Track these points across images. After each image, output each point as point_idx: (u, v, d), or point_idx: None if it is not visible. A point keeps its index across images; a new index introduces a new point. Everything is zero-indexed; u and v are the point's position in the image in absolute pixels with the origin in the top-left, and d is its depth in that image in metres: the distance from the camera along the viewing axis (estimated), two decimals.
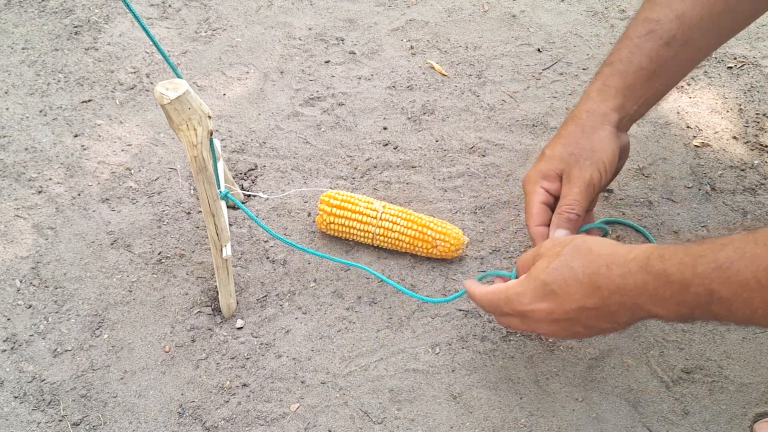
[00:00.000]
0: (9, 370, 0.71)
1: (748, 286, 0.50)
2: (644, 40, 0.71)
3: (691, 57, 0.74)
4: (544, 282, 0.60)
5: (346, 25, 1.26)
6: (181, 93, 0.57)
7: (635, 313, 0.57)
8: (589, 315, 0.59)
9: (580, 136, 0.71)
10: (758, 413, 0.71)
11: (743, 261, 0.50)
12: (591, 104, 0.72)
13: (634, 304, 0.56)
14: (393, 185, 0.95)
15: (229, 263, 0.72)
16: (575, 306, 0.58)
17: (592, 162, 0.70)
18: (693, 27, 0.70)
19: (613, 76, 0.72)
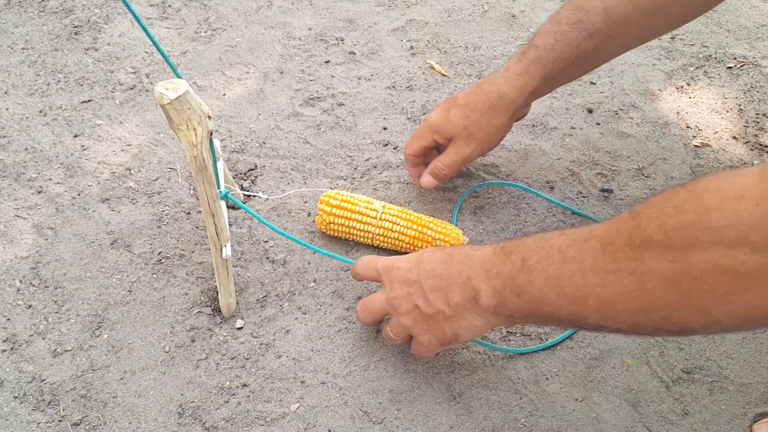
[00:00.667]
0: (9, 370, 0.71)
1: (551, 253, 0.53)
2: (571, 28, 0.73)
3: (612, 50, 0.76)
4: (420, 252, 0.67)
5: (346, 25, 1.26)
6: (180, 93, 0.57)
7: (465, 289, 0.60)
8: (432, 281, 0.62)
9: (482, 114, 0.78)
10: (758, 413, 0.71)
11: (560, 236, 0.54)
12: (507, 88, 0.77)
13: (468, 276, 0.60)
14: (393, 185, 0.95)
15: (229, 263, 0.72)
16: (427, 268, 0.63)
17: (479, 144, 0.80)
18: (619, 21, 0.71)
19: (535, 63, 0.75)
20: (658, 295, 0.46)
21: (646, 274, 0.46)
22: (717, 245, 0.42)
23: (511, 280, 0.56)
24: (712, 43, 1.23)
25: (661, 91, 1.13)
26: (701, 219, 0.42)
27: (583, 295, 0.50)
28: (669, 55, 1.21)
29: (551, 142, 1.03)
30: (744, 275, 0.41)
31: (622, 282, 0.48)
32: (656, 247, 0.45)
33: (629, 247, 0.47)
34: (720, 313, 0.44)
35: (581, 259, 0.50)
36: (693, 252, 0.43)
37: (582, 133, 1.05)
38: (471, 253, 0.61)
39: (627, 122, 1.07)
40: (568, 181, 0.96)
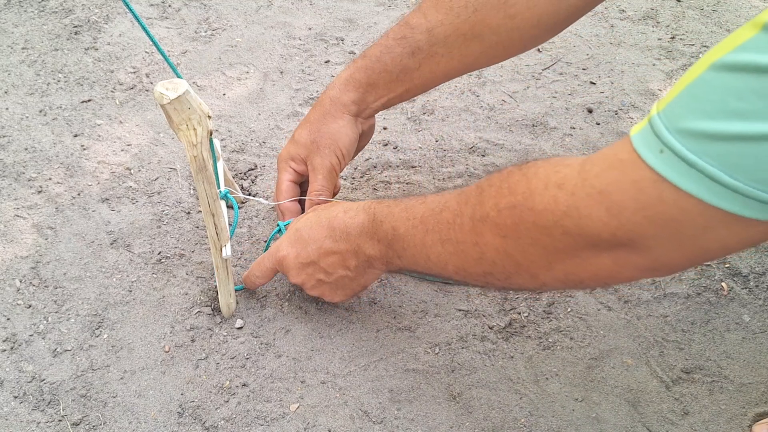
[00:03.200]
0: (9, 369, 0.71)
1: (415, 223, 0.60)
2: (397, 43, 0.75)
3: (434, 71, 0.76)
4: (296, 229, 0.70)
5: (346, 25, 1.26)
6: (180, 93, 0.57)
7: (358, 254, 0.66)
8: (328, 258, 0.68)
9: (321, 123, 0.78)
10: (758, 413, 0.71)
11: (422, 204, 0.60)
12: (335, 92, 0.78)
13: (357, 244, 0.66)
14: (393, 185, 0.95)
15: (229, 263, 0.72)
16: (316, 247, 0.68)
17: (331, 150, 0.78)
18: (439, 42, 0.73)
19: (361, 71, 0.77)
20: (497, 263, 0.53)
21: (485, 246, 0.53)
22: (538, 225, 0.49)
23: (390, 246, 0.63)
24: (712, 43, 1.23)
25: (661, 91, 1.13)
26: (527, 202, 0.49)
27: (443, 262, 0.58)
28: (669, 55, 1.21)
29: (551, 142, 1.03)
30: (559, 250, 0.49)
31: (468, 251, 0.55)
32: (491, 223, 0.52)
33: (472, 221, 0.54)
34: (545, 277, 0.52)
35: (438, 230, 0.58)
36: (519, 230, 0.50)
37: (582, 133, 1.05)
38: (348, 221, 0.66)
39: (627, 122, 1.07)
40: None
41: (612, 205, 0.44)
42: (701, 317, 0.80)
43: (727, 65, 0.39)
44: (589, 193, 0.45)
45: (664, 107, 0.43)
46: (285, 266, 0.71)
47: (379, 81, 0.76)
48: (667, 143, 0.41)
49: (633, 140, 0.44)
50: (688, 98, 0.41)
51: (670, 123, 0.41)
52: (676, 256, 0.45)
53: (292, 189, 0.81)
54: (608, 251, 0.47)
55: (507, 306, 0.80)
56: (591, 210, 0.45)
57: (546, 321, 0.79)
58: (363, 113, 0.79)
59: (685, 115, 0.41)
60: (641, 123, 0.45)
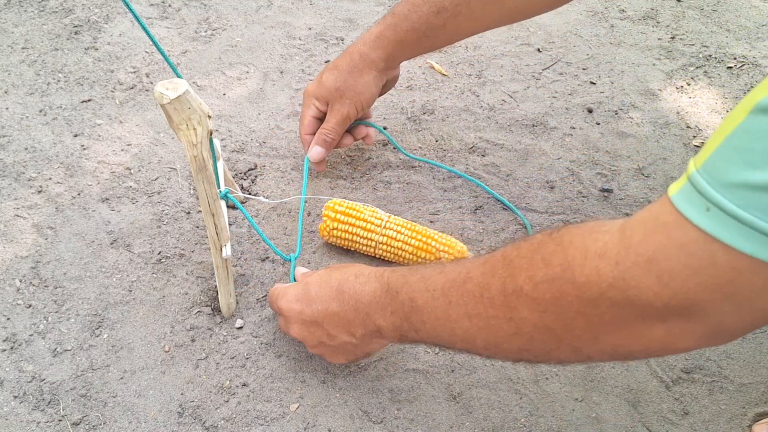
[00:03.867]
0: (9, 369, 0.71)
1: (435, 295, 0.55)
2: (423, 2, 0.80)
3: (459, 29, 0.82)
4: (305, 284, 0.67)
5: (346, 25, 1.26)
6: (180, 93, 0.57)
7: (366, 324, 0.62)
8: (332, 320, 0.64)
9: (348, 74, 0.84)
10: (758, 413, 0.71)
11: (441, 274, 0.56)
12: (365, 48, 0.84)
13: (366, 313, 0.61)
14: (393, 185, 0.95)
15: (229, 263, 0.72)
16: (321, 308, 0.64)
17: (351, 102, 0.85)
18: (463, 3, 0.78)
19: (390, 29, 0.82)
20: (535, 338, 0.49)
21: (522, 321, 0.49)
22: (581, 298, 0.45)
23: (406, 319, 0.58)
24: (712, 43, 1.24)
25: (661, 91, 1.13)
26: (566, 274, 0.46)
27: (471, 337, 0.53)
28: (669, 55, 1.21)
29: (551, 142, 1.03)
30: (606, 323, 0.45)
31: (502, 327, 0.51)
32: (527, 298, 0.48)
33: (503, 295, 0.50)
34: (591, 351, 0.48)
35: (464, 303, 0.53)
36: (560, 304, 0.46)
37: (582, 133, 1.05)
38: (359, 289, 0.62)
39: (627, 122, 1.07)
40: (568, 181, 0.96)
41: (662, 272, 0.41)
42: None
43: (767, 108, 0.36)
44: (635, 262, 0.42)
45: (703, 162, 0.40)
46: (287, 318, 0.68)
47: (407, 38, 0.82)
48: (712, 200, 0.38)
49: (674, 200, 0.41)
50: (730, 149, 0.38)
51: (713, 178, 0.39)
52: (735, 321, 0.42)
53: (314, 123, 0.89)
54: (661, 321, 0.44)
55: None
56: (639, 280, 0.42)
57: None
58: (390, 67, 0.86)
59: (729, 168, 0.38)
60: (680, 181, 0.42)
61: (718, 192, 0.38)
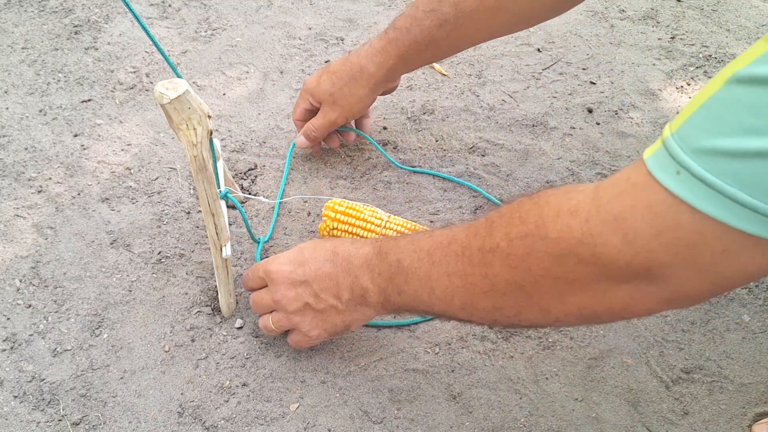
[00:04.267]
0: (8, 369, 0.71)
1: (420, 255, 0.57)
2: (425, 16, 0.80)
3: (462, 40, 0.83)
4: (300, 249, 0.68)
5: (346, 25, 1.26)
6: (180, 92, 0.57)
7: (354, 288, 0.63)
8: (322, 281, 0.64)
9: (344, 84, 0.86)
10: (758, 413, 0.71)
11: (429, 237, 0.58)
12: (366, 62, 0.85)
13: (355, 275, 0.63)
14: (393, 185, 0.95)
15: (229, 263, 0.72)
16: (313, 268, 0.65)
17: (342, 110, 0.88)
18: (466, 15, 0.78)
19: (392, 43, 0.83)
20: (507, 295, 0.51)
21: (495, 278, 0.51)
22: (550, 254, 0.47)
23: (391, 280, 0.60)
24: (712, 43, 1.24)
25: (661, 91, 1.13)
26: (539, 230, 0.47)
27: (449, 296, 0.55)
28: (669, 55, 1.21)
29: (551, 142, 1.03)
30: (573, 281, 0.47)
31: (477, 284, 0.53)
32: (502, 254, 0.50)
33: (481, 252, 0.52)
34: (558, 311, 0.50)
35: (446, 262, 0.55)
36: (531, 259, 0.48)
37: (582, 133, 1.05)
38: (353, 252, 0.64)
39: (627, 122, 1.07)
40: (568, 181, 0.96)
41: (627, 231, 0.42)
42: (701, 317, 0.80)
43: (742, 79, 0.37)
44: (603, 220, 0.43)
45: (678, 127, 0.41)
46: (275, 280, 0.67)
47: (410, 52, 0.83)
48: (683, 164, 0.39)
49: (647, 163, 0.42)
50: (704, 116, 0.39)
51: (686, 143, 0.40)
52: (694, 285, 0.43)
53: (305, 113, 0.92)
54: (624, 282, 0.45)
55: None
56: (606, 237, 0.43)
57: None
58: (389, 79, 0.87)
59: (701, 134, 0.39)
60: (654, 145, 0.43)
61: (689, 156, 0.39)
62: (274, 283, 0.67)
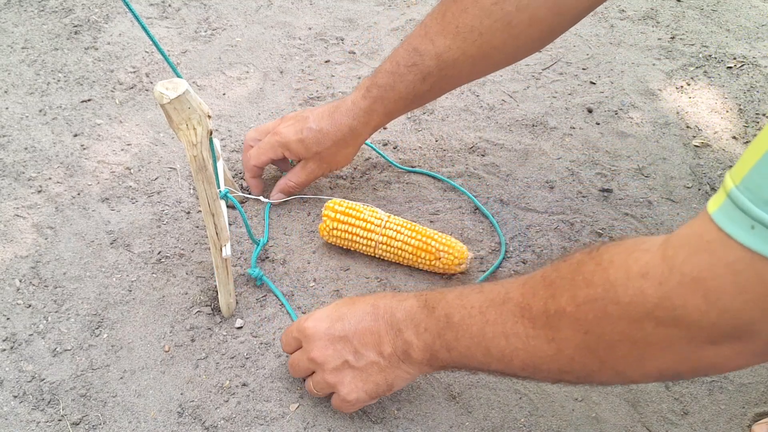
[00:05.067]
0: (8, 369, 0.71)
1: (472, 312, 0.55)
2: (408, 70, 0.78)
3: (445, 88, 0.84)
4: (336, 305, 0.66)
5: (345, 25, 1.26)
6: (180, 92, 0.57)
7: (396, 342, 0.61)
8: (362, 336, 0.62)
9: (333, 144, 0.84)
10: (757, 413, 0.71)
11: (479, 293, 0.56)
12: (356, 123, 0.83)
13: (398, 329, 0.60)
14: (393, 185, 0.95)
15: (229, 263, 0.72)
16: (353, 322, 0.62)
17: (328, 167, 0.88)
18: (449, 65, 0.77)
19: (378, 102, 0.81)
20: (576, 360, 0.49)
21: (563, 342, 0.49)
22: (625, 319, 0.44)
23: (439, 336, 0.57)
24: (712, 43, 1.24)
25: (661, 91, 1.13)
26: (608, 294, 0.45)
27: (508, 356, 0.53)
28: (669, 55, 1.21)
29: (551, 142, 1.03)
30: (652, 344, 0.44)
31: (542, 347, 0.50)
32: (570, 318, 0.48)
33: (545, 315, 0.49)
34: (635, 374, 0.48)
35: (502, 322, 0.52)
36: (604, 325, 0.46)
37: (582, 133, 1.05)
38: (395, 305, 0.61)
39: (627, 122, 1.07)
40: (567, 181, 0.96)
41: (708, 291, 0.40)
42: None
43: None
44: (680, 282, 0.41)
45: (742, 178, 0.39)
46: (311, 336, 0.64)
47: (395, 108, 0.82)
48: (757, 218, 0.38)
49: (715, 218, 0.41)
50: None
51: (755, 195, 0.38)
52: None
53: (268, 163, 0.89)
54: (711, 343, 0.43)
55: None
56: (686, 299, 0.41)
57: None
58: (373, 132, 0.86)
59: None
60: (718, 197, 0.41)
61: (762, 209, 0.37)
62: (310, 341, 0.64)
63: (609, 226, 0.89)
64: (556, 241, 0.87)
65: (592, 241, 0.88)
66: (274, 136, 0.86)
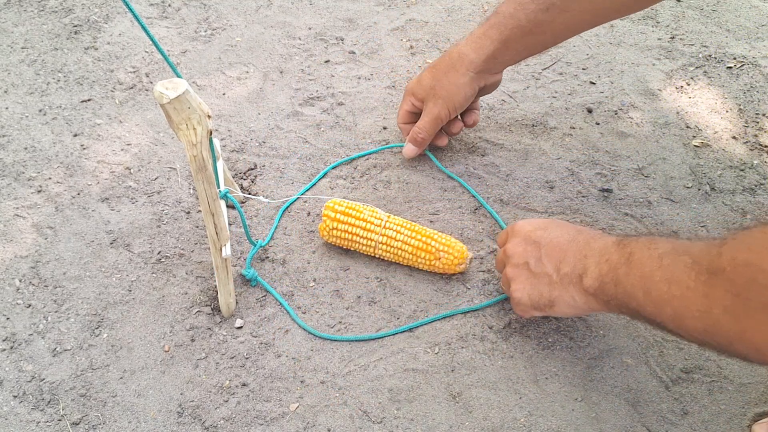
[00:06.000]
0: (8, 369, 0.71)
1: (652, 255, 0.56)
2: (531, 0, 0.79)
3: (567, 25, 0.81)
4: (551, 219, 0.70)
5: (345, 25, 1.26)
6: (180, 92, 0.57)
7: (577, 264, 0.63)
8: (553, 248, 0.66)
9: (444, 74, 0.85)
10: (757, 413, 0.71)
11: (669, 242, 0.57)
12: (466, 48, 0.84)
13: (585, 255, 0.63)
14: (393, 185, 0.95)
15: (229, 263, 0.72)
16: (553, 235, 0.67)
17: (444, 102, 0.86)
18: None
19: (494, 28, 0.81)
20: (721, 323, 0.49)
21: (714, 300, 0.49)
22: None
23: (614, 269, 0.60)
24: (712, 42, 1.23)
25: (661, 91, 1.13)
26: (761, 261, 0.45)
27: (663, 301, 0.54)
28: (669, 55, 1.21)
29: (551, 142, 1.03)
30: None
31: (695, 300, 0.51)
32: (725, 278, 0.48)
33: (708, 271, 0.50)
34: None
35: (672, 269, 0.54)
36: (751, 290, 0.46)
37: (582, 133, 1.05)
38: (597, 235, 0.65)
39: (627, 122, 1.07)
40: (567, 181, 0.96)
41: None
42: None
43: None
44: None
45: None
46: (516, 232, 0.71)
47: (512, 36, 0.81)
48: None
49: None
50: None
51: None
52: None
53: (408, 116, 0.93)
54: None
55: (507, 306, 0.80)
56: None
57: (545, 321, 0.79)
58: (491, 69, 0.85)
59: None
60: None
61: None
62: (513, 236, 0.71)
63: (609, 226, 0.89)
64: None
65: None
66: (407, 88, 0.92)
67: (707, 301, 0.50)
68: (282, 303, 0.79)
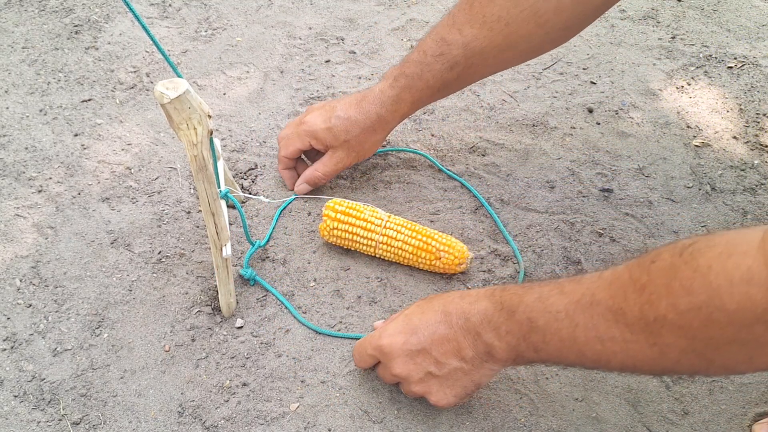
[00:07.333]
0: (9, 369, 0.71)
1: (558, 317, 0.54)
2: (435, 60, 0.80)
3: (473, 77, 0.84)
4: (406, 315, 0.65)
5: (346, 25, 1.26)
6: (181, 92, 0.57)
7: (477, 345, 0.60)
8: (440, 345, 0.62)
9: (361, 132, 0.85)
10: (758, 413, 0.71)
11: (560, 294, 0.55)
12: (384, 111, 0.84)
13: (477, 333, 0.60)
14: (393, 185, 0.95)
15: (229, 262, 0.72)
16: (428, 333, 0.62)
17: (356, 155, 0.88)
18: (476, 54, 0.78)
19: (406, 91, 0.83)
20: (682, 361, 0.48)
21: (666, 347, 0.48)
22: (733, 324, 0.44)
23: (524, 339, 0.57)
24: (712, 42, 1.23)
25: (662, 91, 1.13)
26: (713, 302, 0.44)
27: (605, 359, 0.52)
28: (669, 55, 1.21)
29: (551, 142, 1.03)
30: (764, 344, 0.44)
31: (643, 351, 0.50)
32: (672, 325, 0.47)
33: (643, 321, 0.49)
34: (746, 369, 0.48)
35: (594, 326, 0.52)
36: (711, 330, 0.45)
37: (582, 133, 1.05)
38: (467, 308, 0.61)
39: (627, 122, 1.07)
40: (568, 181, 0.96)
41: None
42: None
43: None
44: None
45: None
46: (389, 354, 0.64)
47: (422, 96, 0.84)
48: None
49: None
50: None
51: None
52: None
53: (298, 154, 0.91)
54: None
55: None
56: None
57: None
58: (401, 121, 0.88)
59: None
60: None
61: None
62: (390, 358, 0.64)
63: (609, 226, 0.89)
64: (557, 241, 0.87)
65: (595, 240, 0.88)
66: (300, 126, 0.88)
67: (657, 348, 0.49)
68: (282, 300, 0.79)
